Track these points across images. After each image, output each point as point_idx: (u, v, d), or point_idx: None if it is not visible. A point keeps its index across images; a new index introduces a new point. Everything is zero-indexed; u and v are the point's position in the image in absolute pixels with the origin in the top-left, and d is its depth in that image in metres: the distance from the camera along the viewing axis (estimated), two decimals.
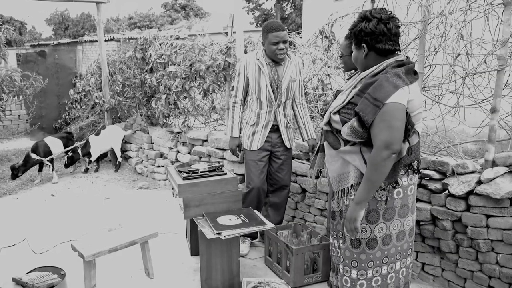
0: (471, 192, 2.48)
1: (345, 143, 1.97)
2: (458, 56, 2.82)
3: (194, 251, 3.23)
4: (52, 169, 5.56)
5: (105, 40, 9.54)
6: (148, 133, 5.87)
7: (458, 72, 2.87)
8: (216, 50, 4.70)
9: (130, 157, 6.37)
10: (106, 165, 6.41)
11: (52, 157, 5.55)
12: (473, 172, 2.56)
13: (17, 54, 13.98)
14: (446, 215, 2.59)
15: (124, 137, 6.16)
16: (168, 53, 5.21)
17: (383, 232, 1.98)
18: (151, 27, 25.57)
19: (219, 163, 3.16)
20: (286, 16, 25.47)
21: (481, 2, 2.69)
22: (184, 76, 4.81)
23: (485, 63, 2.71)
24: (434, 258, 2.77)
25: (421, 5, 2.82)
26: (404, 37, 3.16)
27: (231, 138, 3.26)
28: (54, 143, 5.62)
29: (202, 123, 5.31)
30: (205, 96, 4.92)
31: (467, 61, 2.79)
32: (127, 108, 6.30)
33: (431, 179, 2.70)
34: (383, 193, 1.93)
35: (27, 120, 8.71)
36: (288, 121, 3.22)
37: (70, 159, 5.92)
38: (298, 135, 3.57)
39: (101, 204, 4.65)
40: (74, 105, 7.63)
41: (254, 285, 2.64)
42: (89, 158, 5.95)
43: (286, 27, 4.36)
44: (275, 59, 3.05)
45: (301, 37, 4.61)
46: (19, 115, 9.38)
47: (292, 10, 25.94)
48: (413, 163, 1.95)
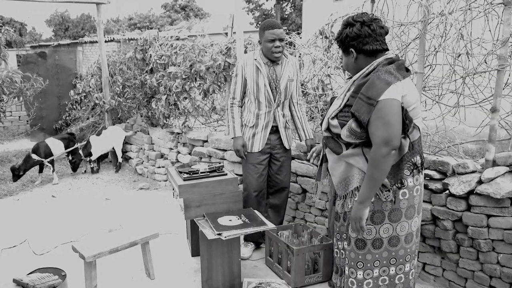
0: (471, 192, 2.48)
1: (347, 147, 1.97)
2: (458, 56, 2.82)
3: (195, 252, 3.23)
4: (52, 170, 5.57)
5: (105, 41, 9.55)
6: (149, 134, 5.87)
7: (458, 72, 2.87)
8: (216, 50, 4.70)
9: (130, 158, 6.37)
10: (107, 166, 6.41)
11: (53, 158, 5.55)
12: (473, 172, 2.56)
13: (17, 55, 14.00)
14: (447, 215, 2.59)
15: (125, 138, 6.16)
16: (168, 53, 5.21)
17: (389, 233, 1.97)
18: (151, 28, 25.60)
19: (220, 163, 3.16)
20: (286, 16, 25.48)
21: (481, 2, 2.69)
22: (184, 76, 4.81)
23: (485, 62, 2.70)
24: (435, 258, 2.77)
25: (421, 5, 2.82)
26: (404, 37, 3.15)
27: (235, 139, 3.18)
28: (55, 144, 5.63)
29: (203, 124, 5.32)
30: (205, 97, 4.92)
31: (467, 61, 2.79)
32: (127, 109, 6.30)
33: (431, 179, 2.70)
34: (388, 194, 1.92)
35: (27, 121, 8.72)
36: (286, 121, 3.21)
37: (73, 163, 5.92)
38: (296, 136, 3.56)
39: (102, 205, 4.65)
40: (74, 106, 7.63)
41: (255, 286, 2.64)
42: (90, 158, 5.96)
43: (283, 26, 4.36)
44: (271, 57, 3.03)
45: (301, 38, 4.60)
46: (19, 116, 9.39)
47: (292, 10, 25.95)
48: (416, 160, 1.94)
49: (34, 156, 5.34)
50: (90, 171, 6.14)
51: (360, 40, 1.89)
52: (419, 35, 2.88)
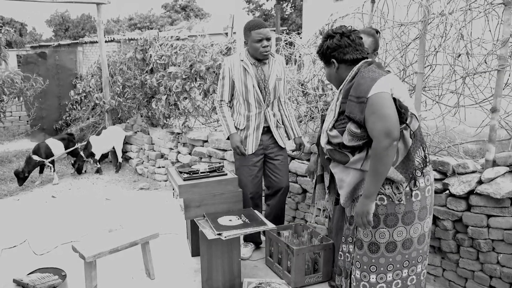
0: (471, 192, 2.48)
1: (353, 153, 1.96)
2: (458, 56, 2.82)
3: (195, 252, 3.23)
4: (53, 171, 5.57)
5: (106, 41, 9.55)
6: (149, 134, 5.87)
7: (459, 72, 2.87)
8: (217, 50, 4.71)
9: (130, 158, 6.37)
10: (107, 166, 6.41)
11: (53, 159, 5.56)
12: (473, 172, 2.56)
13: (17, 55, 14.01)
14: (447, 215, 2.59)
15: (125, 138, 6.17)
16: (169, 53, 5.22)
17: (402, 236, 1.96)
18: (152, 28, 25.61)
19: (220, 163, 3.16)
20: (286, 16, 25.49)
21: (481, 2, 2.69)
22: (184, 76, 4.81)
23: (486, 63, 2.70)
24: (435, 258, 2.77)
25: (421, 5, 2.82)
26: (404, 37, 3.15)
27: (231, 136, 3.08)
28: (55, 145, 5.63)
29: (203, 124, 5.32)
30: (206, 97, 4.92)
31: (467, 61, 2.79)
32: (127, 109, 6.31)
33: None
34: (400, 196, 1.91)
35: (27, 121, 8.72)
36: (278, 121, 3.18)
37: (77, 166, 5.92)
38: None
39: (102, 205, 4.65)
40: (74, 106, 7.64)
41: (255, 286, 2.64)
42: (93, 158, 5.97)
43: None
44: (259, 57, 2.99)
45: (301, 38, 4.61)
46: (19, 117, 9.40)
47: (292, 10, 25.95)
48: (420, 153, 1.94)
49: (35, 157, 5.34)
50: (90, 171, 6.14)
51: (341, 51, 1.96)
52: (419, 35, 2.88)
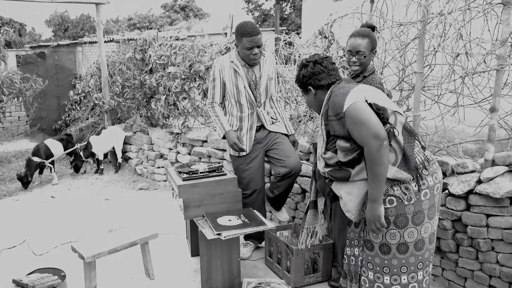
0: (471, 192, 2.48)
1: (352, 166, 1.98)
2: (457, 55, 2.82)
3: (195, 252, 3.23)
4: (53, 171, 5.57)
5: (105, 41, 9.55)
6: (148, 134, 5.87)
7: (458, 72, 2.87)
8: (216, 50, 4.71)
9: (130, 158, 6.37)
10: (106, 166, 6.41)
11: (53, 159, 5.55)
12: (473, 171, 2.56)
13: (16, 55, 14.00)
14: (446, 215, 2.59)
15: (124, 138, 6.16)
16: (168, 54, 5.21)
17: (414, 237, 1.95)
18: (151, 28, 25.60)
19: (219, 163, 3.16)
20: (286, 16, 25.49)
21: (480, 2, 2.69)
22: (183, 76, 4.81)
23: (485, 62, 2.71)
24: (435, 257, 2.77)
25: (420, 5, 2.83)
26: (404, 37, 3.16)
27: (227, 134, 3.03)
28: (54, 145, 5.63)
29: (202, 124, 5.32)
30: (205, 97, 4.92)
31: (466, 61, 2.80)
32: (126, 109, 6.30)
33: None
34: (410, 196, 1.92)
35: (27, 121, 8.71)
36: (272, 118, 3.17)
37: (75, 165, 5.92)
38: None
39: (101, 205, 4.65)
40: (73, 107, 7.63)
41: (255, 286, 2.64)
42: (95, 158, 5.98)
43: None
44: (249, 62, 2.97)
45: (300, 38, 4.61)
46: (19, 117, 9.39)
47: (292, 10, 25.96)
48: (416, 144, 1.96)
49: (36, 159, 5.33)
50: (89, 171, 6.14)
51: (316, 77, 2.07)
52: (418, 35, 2.88)
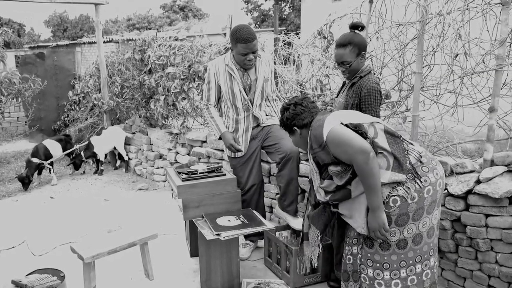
0: (470, 192, 2.48)
1: (350, 183, 2.03)
2: (456, 56, 2.83)
3: (194, 252, 3.23)
4: (51, 172, 5.56)
5: (104, 42, 9.53)
6: (147, 135, 5.87)
7: (457, 72, 2.87)
8: (215, 51, 4.71)
9: (129, 158, 6.36)
10: (105, 166, 6.40)
11: (52, 160, 5.55)
12: (472, 171, 2.56)
13: (15, 56, 13.99)
14: (445, 215, 2.59)
15: (125, 138, 6.16)
16: (167, 54, 5.21)
17: (412, 233, 1.99)
18: (150, 29, 25.60)
19: (218, 164, 3.16)
20: (285, 16, 25.49)
21: (479, 2, 2.70)
22: (182, 77, 4.81)
23: (483, 62, 2.71)
24: None
25: (419, 5, 2.83)
26: (402, 37, 3.16)
27: (223, 135, 3.04)
28: (53, 146, 5.62)
29: (201, 124, 5.31)
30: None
31: (465, 61, 2.80)
32: (126, 109, 6.30)
33: None
34: (414, 195, 1.95)
35: (26, 122, 8.69)
36: (267, 114, 3.18)
37: (74, 163, 5.92)
38: None
39: (101, 206, 4.64)
40: (73, 107, 7.62)
41: (254, 286, 2.64)
42: (96, 159, 5.98)
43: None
44: (243, 67, 2.96)
45: (299, 38, 4.61)
46: (18, 117, 9.38)
47: (291, 10, 25.96)
48: (407, 146, 2.02)
49: (35, 160, 5.33)
50: (89, 172, 6.14)
51: (299, 117, 2.19)
52: (417, 35, 2.88)
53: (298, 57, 4.26)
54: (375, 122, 2.05)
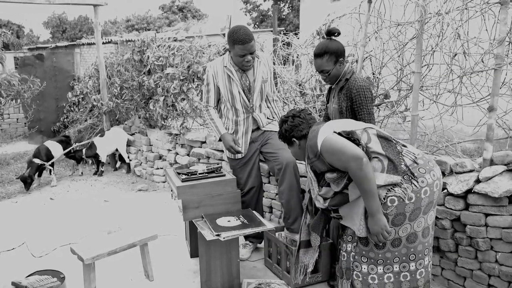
0: (469, 191, 2.49)
1: (347, 187, 2.07)
2: (455, 55, 2.83)
3: (194, 253, 3.23)
4: (51, 173, 5.56)
5: (103, 43, 9.50)
6: (147, 135, 5.87)
7: (456, 71, 2.88)
8: (214, 51, 4.71)
9: (130, 160, 6.36)
10: (105, 168, 6.40)
11: (53, 161, 5.55)
12: (471, 171, 2.56)
13: (14, 57, 13.96)
14: (445, 214, 2.59)
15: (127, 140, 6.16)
16: (166, 55, 5.21)
17: (407, 232, 2.03)
18: (149, 29, 25.59)
19: (218, 164, 3.16)
20: (284, 17, 25.50)
21: (478, 1, 2.70)
22: (182, 78, 4.81)
23: (482, 62, 2.71)
24: (434, 257, 2.77)
25: (418, 4, 2.83)
26: (401, 37, 3.16)
27: (222, 137, 3.04)
28: (54, 147, 5.64)
29: (201, 125, 5.31)
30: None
31: (464, 60, 2.80)
32: (125, 110, 6.30)
33: None
34: (411, 195, 1.97)
35: (25, 123, 8.70)
36: (268, 117, 3.17)
37: (74, 158, 5.99)
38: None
39: (100, 207, 4.64)
40: (72, 108, 7.62)
41: (255, 286, 2.64)
42: (97, 159, 6.00)
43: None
44: (241, 68, 2.95)
45: (298, 38, 4.61)
46: (17, 119, 9.38)
47: (290, 11, 25.97)
48: (401, 148, 2.06)
49: (37, 161, 5.33)
50: (88, 173, 6.13)
51: (297, 129, 2.24)
52: (416, 35, 2.88)
53: (297, 57, 4.26)
54: (368, 128, 2.10)
